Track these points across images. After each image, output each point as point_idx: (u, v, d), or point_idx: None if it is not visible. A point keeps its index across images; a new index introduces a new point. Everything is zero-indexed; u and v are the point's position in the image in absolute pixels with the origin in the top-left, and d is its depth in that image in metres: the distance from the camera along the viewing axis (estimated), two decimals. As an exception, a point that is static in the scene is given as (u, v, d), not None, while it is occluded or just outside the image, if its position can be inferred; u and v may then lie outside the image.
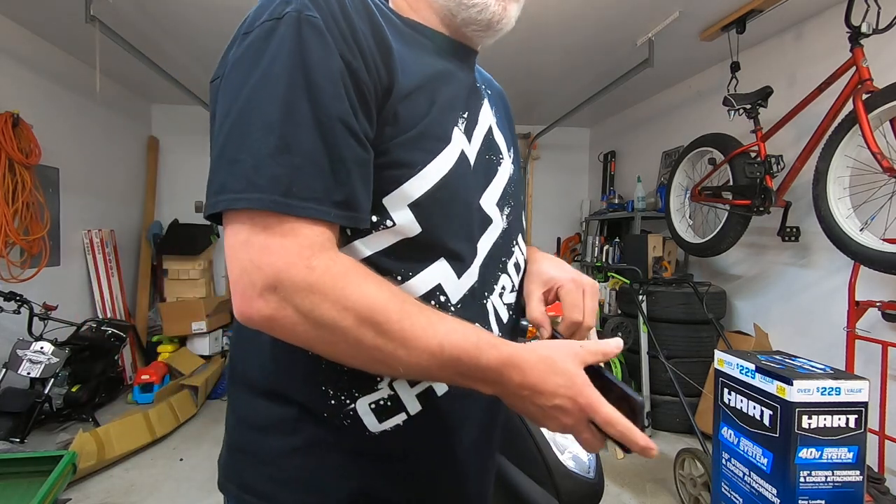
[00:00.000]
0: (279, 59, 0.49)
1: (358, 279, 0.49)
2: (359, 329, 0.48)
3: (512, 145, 0.76)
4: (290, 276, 0.47)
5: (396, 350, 0.49)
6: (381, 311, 0.48)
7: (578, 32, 3.06)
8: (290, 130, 0.48)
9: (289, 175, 0.47)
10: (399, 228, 0.56)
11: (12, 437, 2.59)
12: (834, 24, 2.52)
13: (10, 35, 3.03)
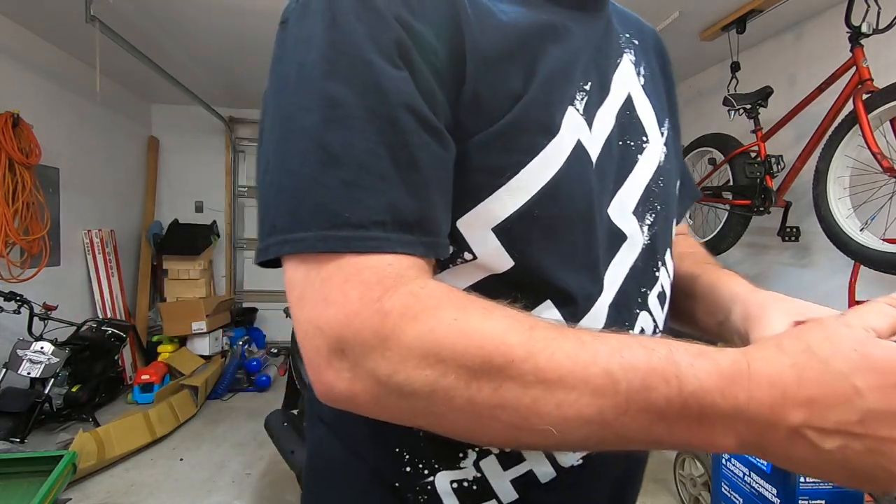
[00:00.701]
0: (313, 42, 0.36)
1: (453, 313, 0.33)
2: (469, 385, 0.31)
3: (667, 118, 0.53)
4: (356, 330, 0.32)
5: (537, 401, 0.31)
6: (496, 351, 0.31)
7: (578, 32, 3.06)
8: (334, 135, 0.34)
9: (337, 197, 0.34)
10: (482, 262, 0.40)
11: (12, 437, 2.59)
12: (834, 24, 2.52)
13: (10, 35, 3.03)
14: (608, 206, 0.45)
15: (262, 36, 3.20)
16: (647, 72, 0.52)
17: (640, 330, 0.48)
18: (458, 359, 0.31)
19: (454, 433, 0.34)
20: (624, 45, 0.50)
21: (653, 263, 0.49)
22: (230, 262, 5.04)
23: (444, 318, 0.32)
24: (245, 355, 4.12)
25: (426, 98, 0.36)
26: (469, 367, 0.31)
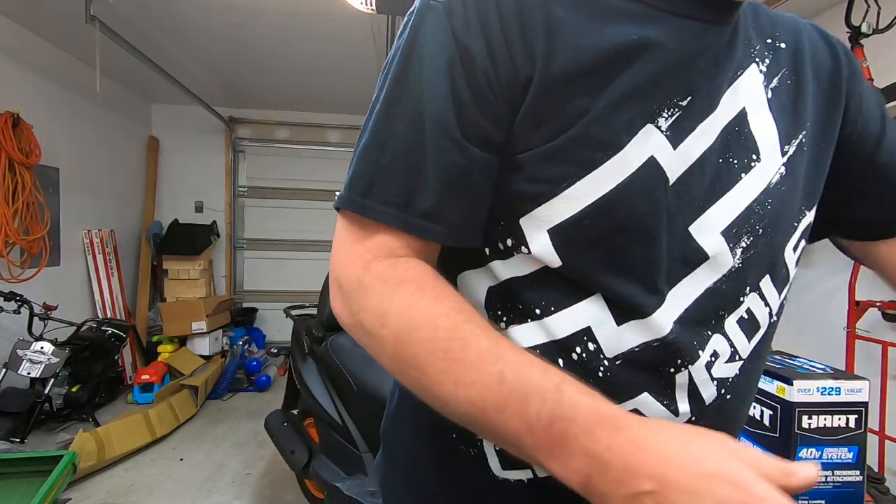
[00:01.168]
0: (400, 53, 0.45)
1: (412, 288, 0.42)
2: (395, 344, 0.41)
3: (797, 136, 0.49)
4: (347, 275, 0.45)
5: (440, 374, 0.38)
6: (426, 325, 0.40)
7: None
8: (385, 126, 0.44)
9: (372, 173, 0.44)
10: (536, 256, 0.45)
11: (12, 437, 2.59)
12: (834, 24, 2.52)
13: (10, 35, 3.03)
14: (691, 224, 0.45)
15: (261, 36, 3.20)
16: (787, 82, 0.49)
17: (713, 352, 0.47)
18: (396, 321, 0.41)
19: (388, 370, 0.44)
20: (756, 54, 0.48)
21: (740, 288, 0.47)
22: (230, 262, 5.04)
23: (404, 289, 0.42)
24: (245, 355, 4.12)
25: (459, 112, 0.43)
26: (399, 329, 0.41)
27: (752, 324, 0.49)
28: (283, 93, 4.46)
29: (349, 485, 1.71)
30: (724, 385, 0.48)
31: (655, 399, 0.46)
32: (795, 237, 0.50)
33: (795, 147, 0.49)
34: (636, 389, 0.46)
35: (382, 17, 2.75)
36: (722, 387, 0.48)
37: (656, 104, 0.43)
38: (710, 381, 0.47)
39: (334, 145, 5.16)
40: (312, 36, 3.14)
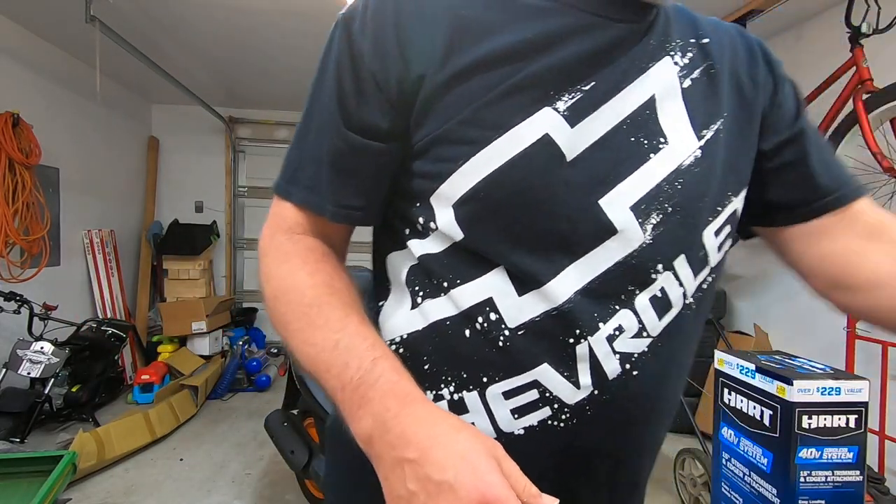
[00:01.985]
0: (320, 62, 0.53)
1: (297, 260, 0.51)
2: (272, 301, 0.51)
3: (715, 123, 0.52)
4: (261, 243, 0.55)
5: (295, 332, 0.48)
6: (295, 291, 0.49)
7: (578, 32, 3.06)
8: (305, 122, 0.53)
9: (297, 161, 0.53)
10: (442, 232, 0.48)
11: (12, 437, 2.59)
12: (834, 24, 2.52)
13: (10, 35, 3.03)
14: (602, 197, 0.47)
15: (261, 36, 3.20)
16: (706, 75, 0.53)
17: (618, 326, 0.48)
18: (274, 284, 0.51)
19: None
20: (672, 49, 0.51)
21: (651, 264, 0.48)
22: (230, 262, 5.04)
23: (290, 259, 0.51)
24: (245, 355, 4.12)
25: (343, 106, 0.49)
26: (276, 291, 0.51)
27: (665, 302, 0.50)
28: (283, 93, 4.46)
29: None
30: (628, 360, 0.49)
31: (556, 370, 0.48)
32: (718, 221, 0.52)
33: (713, 133, 0.51)
34: (537, 360, 0.48)
35: (382, 17, 2.75)
36: (626, 362, 0.49)
37: (554, 89, 0.46)
38: (612, 354, 0.48)
39: (334, 145, 5.16)
40: (312, 36, 3.14)
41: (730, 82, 0.54)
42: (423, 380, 0.51)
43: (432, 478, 0.35)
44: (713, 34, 0.55)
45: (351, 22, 0.48)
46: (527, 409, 0.49)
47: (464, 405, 0.50)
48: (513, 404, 0.49)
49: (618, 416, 0.50)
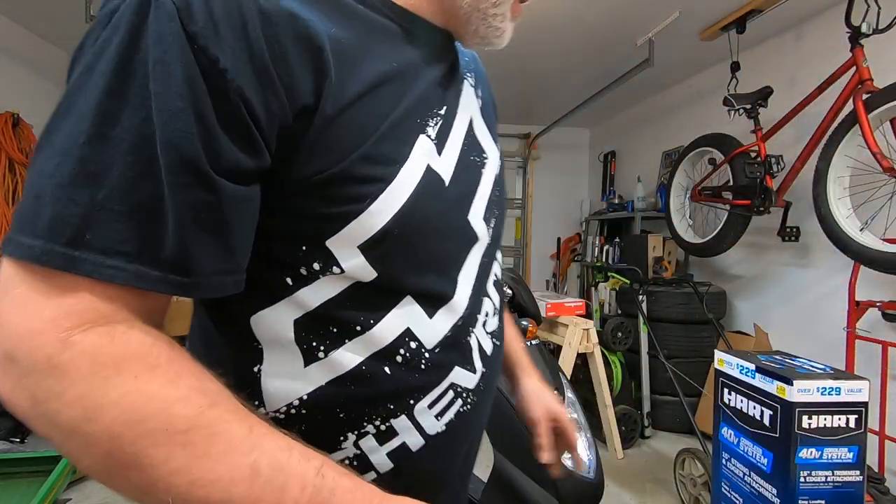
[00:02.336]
0: (105, 56, 0.34)
1: (138, 368, 0.33)
2: (110, 442, 0.32)
3: (496, 136, 0.63)
4: (30, 349, 0.32)
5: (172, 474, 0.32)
6: (157, 414, 0.32)
7: (578, 32, 3.06)
8: (97, 153, 0.33)
9: (84, 216, 0.33)
10: (349, 274, 0.45)
11: (12, 437, 2.59)
12: (834, 24, 2.52)
13: (10, 35, 3.03)
14: (468, 214, 0.53)
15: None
16: (483, 96, 0.63)
17: (486, 312, 0.58)
18: (113, 413, 0.32)
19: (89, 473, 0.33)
20: (466, 73, 0.59)
21: (492, 257, 0.60)
22: (230, 262, 5.03)
23: (129, 371, 0.33)
24: (245, 355, 4.11)
25: (209, 142, 0.35)
26: (120, 423, 0.32)
27: (498, 282, 0.64)
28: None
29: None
30: (495, 336, 0.60)
31: (462, 368, 0.53)
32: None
33: (498, 147, 0.62)
34: (451, 366, 0.52)
35: (382, 17, 2.75)
36: (495, 338, 0.60)
37: (421, 116, 0.48)
38: (486, 335, 0.58)
39: (334, 145, 5.16)
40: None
41: (489, 101, 0.67)
42: (341, 428, 0.48)
43: None
44: (470, 58, 0.65)
45: (189, 17, 0.34)
46: (446, 409, 0.53)
47: (393, 431, 0.49)
48: (436, 410, 0.52)
49: (493, 382, 0.60)
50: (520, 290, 1.28)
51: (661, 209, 3.63)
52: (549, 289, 5.53)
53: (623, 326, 3.05)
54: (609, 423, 2.80)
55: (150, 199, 0.34)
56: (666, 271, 3.41)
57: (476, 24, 0.53)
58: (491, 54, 2.37)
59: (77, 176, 0.33)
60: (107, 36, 0.35)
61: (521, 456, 1.16)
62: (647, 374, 3.08)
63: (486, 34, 0.54)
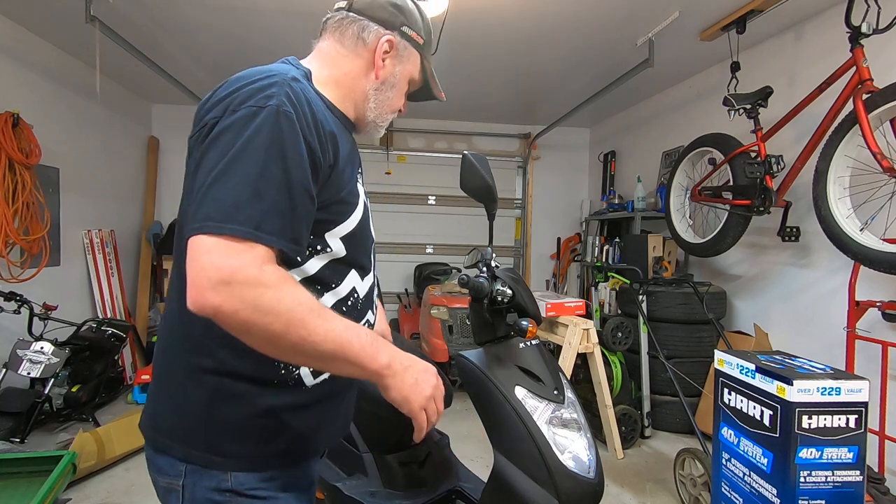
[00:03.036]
0: (261, 135, 0.69)
1: (291, 282, 0.70)
2: (289, 313, 0.66)
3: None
4: (244, 274, 0.64)
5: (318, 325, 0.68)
6: (307, 301, 0.70)
7: (578, 32, 3.06)
8: (264, 185, 0.68)
9: (259, 216, 0.67)
10: (333, 253, 0.85)
11: (12, 437, 2.59)
12: (834, 24, 2.52)
13: (10, 35, 3.03)
14: (371, 225, 0.98)
15: (261, 35, 3.20)
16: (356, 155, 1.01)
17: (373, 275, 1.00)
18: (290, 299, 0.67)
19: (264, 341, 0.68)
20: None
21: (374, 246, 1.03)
22: (230, 262, 5.04)
23: (289, 282, 0.69)
24: (245, 355, 4.12)
25: (311, 182, 0.75)
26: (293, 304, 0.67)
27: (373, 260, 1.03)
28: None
29: (349, 485, 1.71)
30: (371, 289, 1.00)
31: (371, 312, 0.99)
32: None
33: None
34: (366, 310, 0.96)
35: (382, 17, 2.75)
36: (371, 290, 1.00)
37: (357, 172, 0.93)
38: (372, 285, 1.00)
39: (334, 145, 5.16)
40: (312, 36, 3.14)
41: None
42: None
43: (420, 371, 0.81)
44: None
45: (300, 121, 0.73)
46: None
47: None
48: None
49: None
50: (519, 289, 1.28)
51: (661, 209, 3.63)
52: (549, 289, 5.53)
53: (623, 326, 3.05)
54: (609, 423, 2.80)
55: (288, 209, 0.71)
56: (666, 271, 3.40)
57: (370, 129, 0.99)
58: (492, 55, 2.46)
59: (254, 196, 0.67)
60: (258, 125, 0.69)
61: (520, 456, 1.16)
62: (647, 374, 3.08)
63: (371, 134, 1.01)
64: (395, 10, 0.93)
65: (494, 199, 1.34)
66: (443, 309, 3.69)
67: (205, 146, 0.71)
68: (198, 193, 0.68)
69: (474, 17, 2.85)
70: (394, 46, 0.92)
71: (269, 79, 0.74)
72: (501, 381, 1.21)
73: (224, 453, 0.80)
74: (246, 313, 0.63)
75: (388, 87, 0.94)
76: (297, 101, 0.73)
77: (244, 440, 0.80)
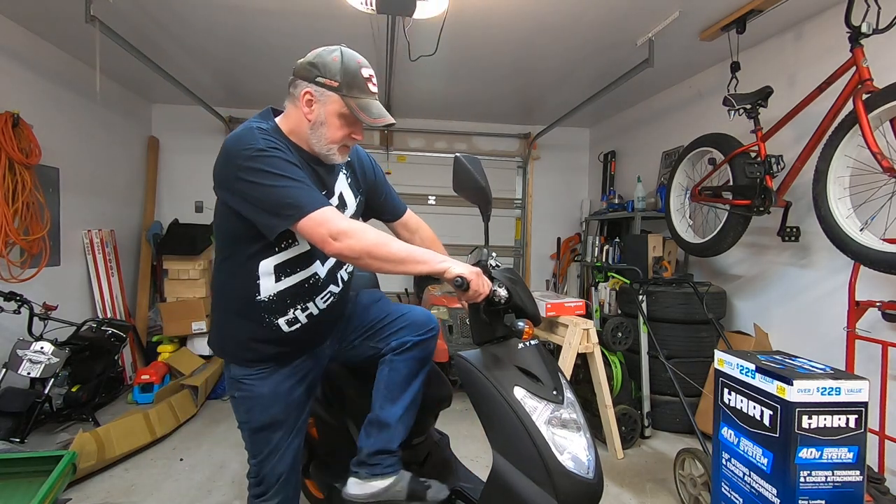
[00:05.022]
0: (274, 164, 1.16)
1: (367, 227, 1.17)
2: (374, 245, 1.14)
3: (359, 192, 1.48)
4: (339, 229, 1.13)
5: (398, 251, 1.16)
6: (381, 235, 1.16)
7: (578, 32, 3.06)
8: (294, 190, 1.15)
9: (306, 202, 1.15)
10: (302, 245, 1.30)
11: (12, 437, 2.59)
12: (834, 24, 2.52)
13: (10, 35, 3.03)
14: None
15: (262, 36, 3.20)
16: (351, 177, 1.46)
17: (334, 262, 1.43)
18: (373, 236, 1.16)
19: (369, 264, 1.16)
20: (339, 170, 1.42)
21: None
22: (230, 262, 5.04)
23: (363, 226, 1.18)
24: (245, 355, 4.12)
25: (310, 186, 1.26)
26: (375, 241, 1.15)
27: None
28: (283, 93, 4.44)
29: (349, 485, 1.70)
30: (341, 278, 1.45)
31: (335, 285, 1.42)
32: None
33: (358, 197, 1.47)
34: (327, 286, 1.39)
35: (382, 17, 2.75)
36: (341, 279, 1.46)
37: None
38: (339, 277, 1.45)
39: (334, 145, 5.16)
40: (312, 36, 3.14)
41: (361, 178, 1.51)
42: (289, 305, 1.33)
43: (472, 268, 1.19)
44: (355, 158, 1.50)
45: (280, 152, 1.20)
46: (327, 299, 1.40)
47: (307, 308, 1.36)
48: (323, 303, 1.39)
49: (344, 296, 1.51)
50: (517, 290, 1.27)
51: (661, 209, 3.63)
52: (549, 289, 5.53)
53: (623, 326, 3.05)
54: (609, 423, 2.80)
55: (307, 193, 1.16)
56: (666, 271, 3.40)
57: (324, 158, 1.31)
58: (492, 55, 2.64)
59: (290, 195, 1.14)
60: (271, 161, 1.17)
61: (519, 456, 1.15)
62: (647, 374, 3.08)
63: (331, 160, 1.32)
64: (310, 67, 1.24)
65: (489, 201, 1.34)
66: (443, 309, 3.69)
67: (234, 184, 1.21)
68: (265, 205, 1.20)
69: (474, 17, 2.85)
70: (312, 95, 1.24)
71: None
72: (500, 381, 1.21)
73: (231, 357, 1.39)
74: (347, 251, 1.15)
75: (319, 125, 1.26)
76: (274, 141, 1.22)
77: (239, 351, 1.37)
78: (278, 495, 1.39)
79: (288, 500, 1.42)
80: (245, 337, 1.33)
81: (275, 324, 1.31)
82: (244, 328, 1.32)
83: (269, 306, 1.30)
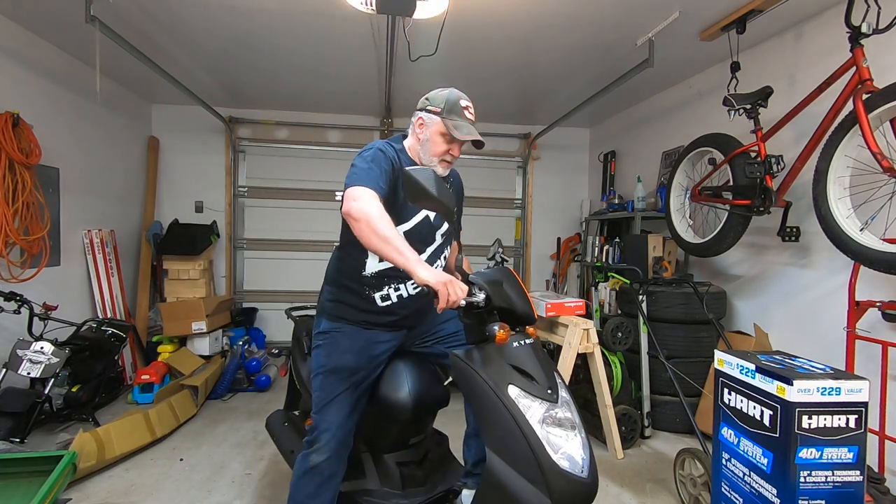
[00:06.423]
0: (371, 156, 1.51)
1: (378, 207, 1.37)
2: (375, 219, 1.32)
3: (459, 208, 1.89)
4: (357, 194, 1.39)
5: (375, 231, 1.30)
6: (375, 218, 1.33)
7: (578, 32, 3.06)
8: (369, 172, 1.45)
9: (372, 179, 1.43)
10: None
11: (12, 437, 2.59)
12: (834, 24, 2.52)
13: (10, 35, 3.03)
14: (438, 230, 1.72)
15: (262, 36, 3.20)
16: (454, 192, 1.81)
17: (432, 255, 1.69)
18: (365, 215, 1.35)
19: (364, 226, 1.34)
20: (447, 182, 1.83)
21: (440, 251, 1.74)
22: (230, 262, 5.04)
23: (374, 205, 1.38)
24: (245, 355, 4.12)
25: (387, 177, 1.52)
26: (364, 217, 1.34)
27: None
28: (283, 93, 4.46)
29: (347, 484, 1.70)
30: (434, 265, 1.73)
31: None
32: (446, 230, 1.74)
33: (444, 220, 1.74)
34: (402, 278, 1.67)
35: (382, 17, 2.75)
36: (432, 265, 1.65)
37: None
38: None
39: (334, 145, 5.16)
40: (312, 36, 3.14)
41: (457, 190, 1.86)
42: (383, 284, 1.64)
43: (442, 276, 1.25)
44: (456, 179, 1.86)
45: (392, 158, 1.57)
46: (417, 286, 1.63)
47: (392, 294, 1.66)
48: (413, 289, 1.67)
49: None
50: (501, 292, 1.27)
51: (661, 209, 3.63)
52: (550, 289, 5.53)
53: (623, 326, 3.05)
54: (609, 423, 2.80)
55: (381, 175, 1.48)
56: (666, 271, 3.40)
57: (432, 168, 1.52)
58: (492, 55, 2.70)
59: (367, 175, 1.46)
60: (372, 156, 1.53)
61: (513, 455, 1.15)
62: (647, 374, 3.08)
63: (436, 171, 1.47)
64: (424, 100, 1.63)
65: (447, 210, 1.34)
66: (443, 309, 3.69)
67: None
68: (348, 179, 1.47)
69: (474, 17, 2.85)
70: (423, 120, 1.61)
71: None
72: (494, 379, 1.20)
73: (327, 314, 1.68)
74: (352, 213, 1.35)
75: (426, 142, 1.61)
76: (386, 150, 1.55)
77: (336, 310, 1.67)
78: (329, 448, 1.55)
79: (336, 456, 1.57)
80: (346, 301, 1.64)
81: (372, 297, 1.63)
82: (347, 295, 1.64)
83: (371, 281, 1.62)
